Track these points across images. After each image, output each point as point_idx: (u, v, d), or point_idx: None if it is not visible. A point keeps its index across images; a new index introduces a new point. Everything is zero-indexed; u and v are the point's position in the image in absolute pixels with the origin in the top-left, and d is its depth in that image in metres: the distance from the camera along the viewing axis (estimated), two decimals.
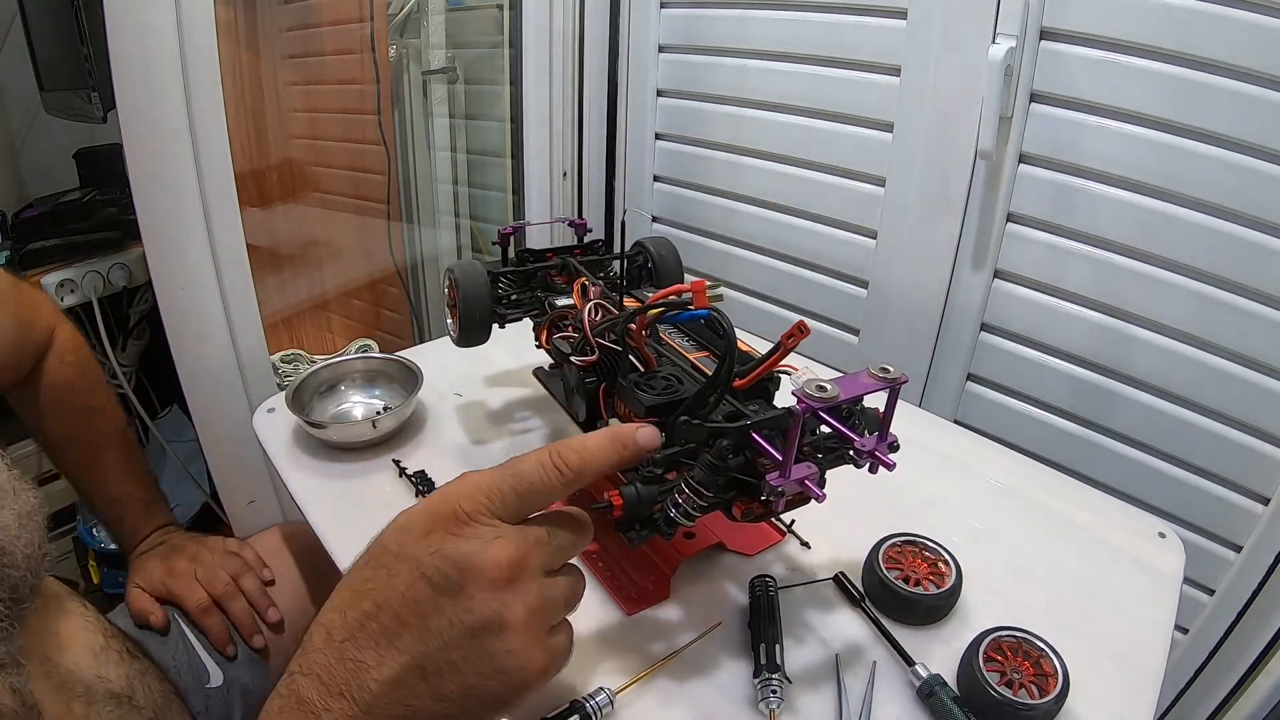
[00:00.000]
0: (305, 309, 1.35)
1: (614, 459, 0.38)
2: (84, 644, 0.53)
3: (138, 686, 0.54)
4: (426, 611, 0.33)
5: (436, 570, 0.33)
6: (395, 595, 0.33)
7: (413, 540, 0.34)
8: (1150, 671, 0.50)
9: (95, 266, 1.08)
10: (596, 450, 0.37)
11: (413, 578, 0.33)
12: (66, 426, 0.70)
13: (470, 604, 0.33)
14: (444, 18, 1.31)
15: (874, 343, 1.07)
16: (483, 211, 1.46)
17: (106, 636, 0.55)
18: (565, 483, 0.36)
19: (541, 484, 0.36)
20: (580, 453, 0.37)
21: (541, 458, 0.36)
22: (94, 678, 0.51)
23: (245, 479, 0.99)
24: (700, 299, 0.45)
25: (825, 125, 1.03)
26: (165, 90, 0.76)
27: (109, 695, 0.50)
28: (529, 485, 0.36)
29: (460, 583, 0.33)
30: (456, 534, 0.34)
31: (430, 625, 0.33)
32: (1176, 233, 0.80)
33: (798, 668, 0.49)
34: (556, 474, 0.36)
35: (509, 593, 0.34)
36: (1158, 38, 0.76)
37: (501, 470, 0.36)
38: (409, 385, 0.75)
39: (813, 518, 0.61)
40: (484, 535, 0.34)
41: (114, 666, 0.53)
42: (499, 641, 0.33)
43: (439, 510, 0.35)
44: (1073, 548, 0.61)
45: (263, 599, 0.69)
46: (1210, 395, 0.83)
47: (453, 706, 0.33)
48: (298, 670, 0.33)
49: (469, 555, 0.33)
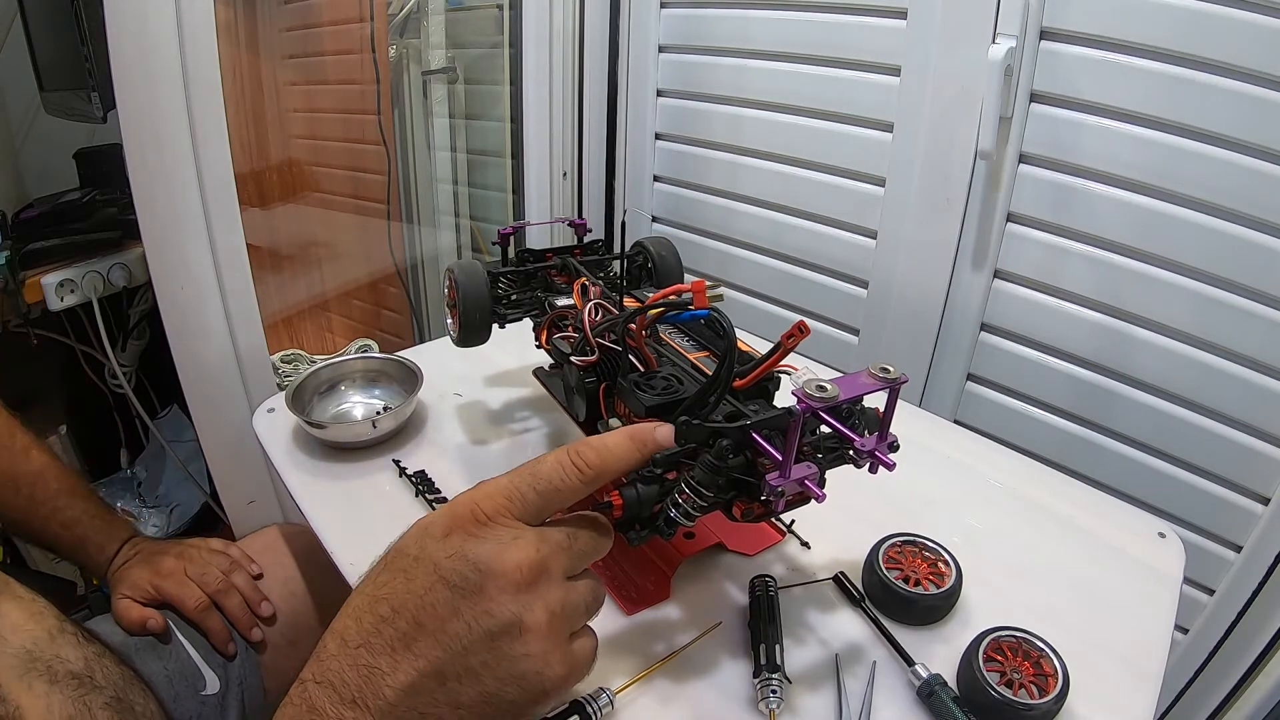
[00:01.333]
0: (305, 309, 1.35)
1: (635, 457, 0.38)
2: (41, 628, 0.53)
3: (96, 667, 0.54)
4: (444, 615, 0.32)
5: (455, 572, 0.33)
6: (412, 599, 0.33)
7: (433, 542, 0.34)
8: (1150, 671, 0.50)
9: (95, 266, 1.08)
10: (616, 449, 0.37)
11: (431, 580, 0.33)
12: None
13: (489, 606, 0.32)
14: (444, 18, 1.31)
15: (874, 343, 1.07)
16: (483, 211, 1.46)
17: (61, 621, 0.55)
18: (586, 482, 0.36)
19: (562, 484, 0.35)
20: (600, 452, 0.36)
21: (561, 458, 0.36)
22: (53, 658, 0.51)
23: (245, 479, 0.99)
24: (700, 299, 0.45)
25: (825, 125, 1.02)
26: (165, 90, 0.76)
27: (70, 675, 0.51)
28: (549, 486, 0.35)
29: (479, 584, 0.32)
30: (476, 535, 0.34)
31: (448, 629, 0.32)
32: (1176, 233, 0.80)
33: (798, 668, 0.49)
34: (576, 474, 0.35)
35: (529, 595, 0.33)
36: (1158, 38, 0.76)
37: (521, 471, 0.36)
38: (409, 385, 0.75)
39: (813, 518, 0.61)
40: (504, 537, 0.34)
41: (71, 649, 0.53)
42: (518, 646, 0.33)
43: (459, 512, 0.34)
44: (1073, 548, 0.61)
45: (255, 593, 0.69)
46: (1210, 395, 0.83)
47: (470, 715, 0.32)
48: (310, 678, 0.33)
49: (488, 556, 0.33)
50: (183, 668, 0.63)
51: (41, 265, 1.05)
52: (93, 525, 0.71)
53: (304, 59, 1.28)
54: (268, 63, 1.21)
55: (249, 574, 0.70)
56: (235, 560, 0.71)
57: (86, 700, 0.50)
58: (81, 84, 0.93)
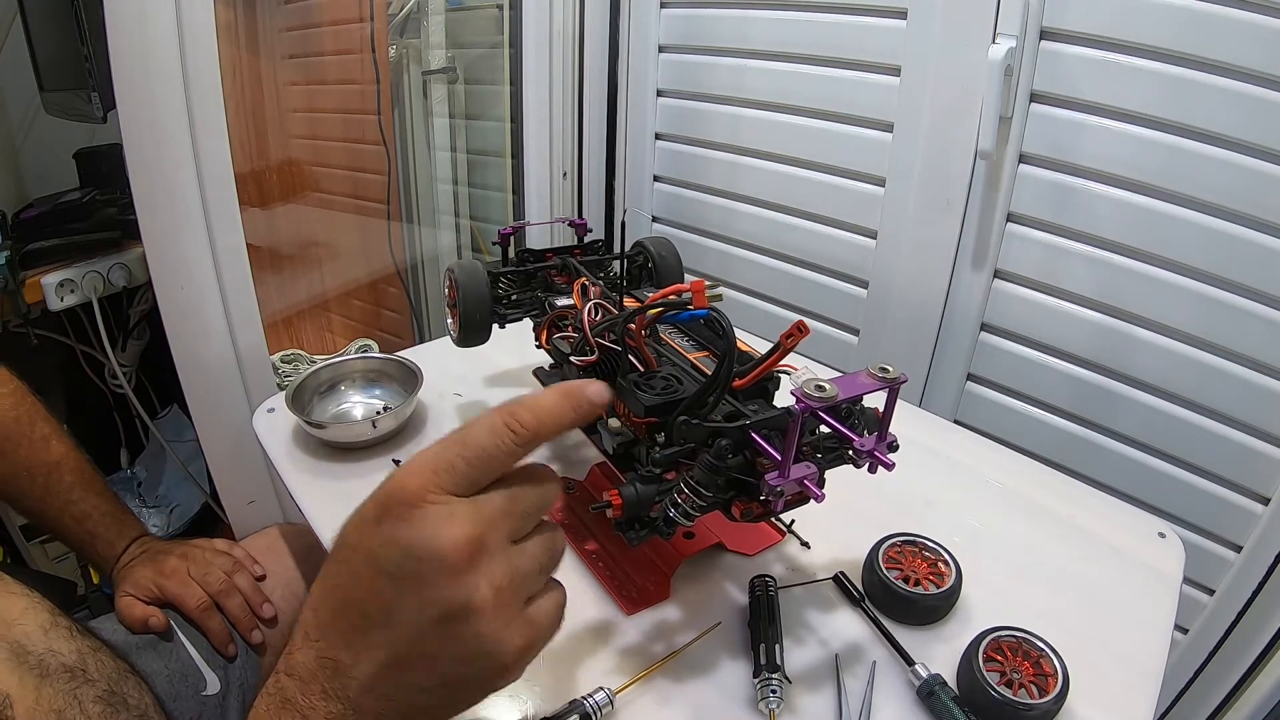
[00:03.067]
0: (305, 309, 1.35)
1: (570, 416, 0.35)
2: (33, 622, 0.52)
3: (90, 661, 0.53)
4: (389, 606, 0.31)
5: (390, 561, 0.31)
6: (358, 591, 0.32)
7: (367, 528, 0.33)
8: (1150, 671, 0.50)
9: (95, 266, 1.08)
10: (551, 407, 0.34)
11: (369, 570, 0.32)
12: (13, 462, 0.68)
13: (430, 593, 0.31)
14: (444, 18, 1.31)
15: (874, 343, 1.07)
16: (483, 211, 1.46)
17: (54, 615, 0.55)
18: (521, 444, 0.33)
19: (495, 450, 0.33)
20: (535, 411, 0.34)
21: (493, 421, 0.33)
22: (46, 651, 0.50)
23: (245, 479, 0.99)
24: (700, 299, 0.45)
25: (825, 125, 1.02)
26: (165, 90, 0.76)
27: (62, 668, 0.50)
28: (480, 453, 0.32)
29: (416, 571, 0.31)
30: (406, 518, 0.31)
31: (395, 618, 0.31)
32: (1176, 233, 0.80)
33: (797, 668, 0.49)
34: (511, 436, 0.33)
35: (471, 574, 0.31)
36: (1158, 38, 0.76)
37: (448, 441, 0.33)
38: (409, 385, 0.75)
39: (813, 518, 0.61)
40: (434, 516, 0.31)
41: (64, 642, 0.53)
42: (468, 627, 0.31)
43: (388, 494, 0.32)
44: (1073, 548, 0.61)
45: (257, 594, 0.69)
46: (1210, 395, 0.83)
47: (437, 696, 0.32)
48: (283, 670, 0.33)
49: (422, 541, 0.31)
50: (183, 667, 0.63)
51: (41, 265, 1.05)
52: (103, 521, 0.71)
53: (304, 59, 1.28)
54: (268, 63, 1.21)
55: (252, 575, 0.71)
56: (239, 561, 0.71)
57: (78, 693, 0.50)
58: (81, 84, 0.93)
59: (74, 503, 0.70)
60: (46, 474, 0.69)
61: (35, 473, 0.69)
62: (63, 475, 0.70)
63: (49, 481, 0.69)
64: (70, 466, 0.71)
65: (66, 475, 0.70)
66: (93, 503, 0.71)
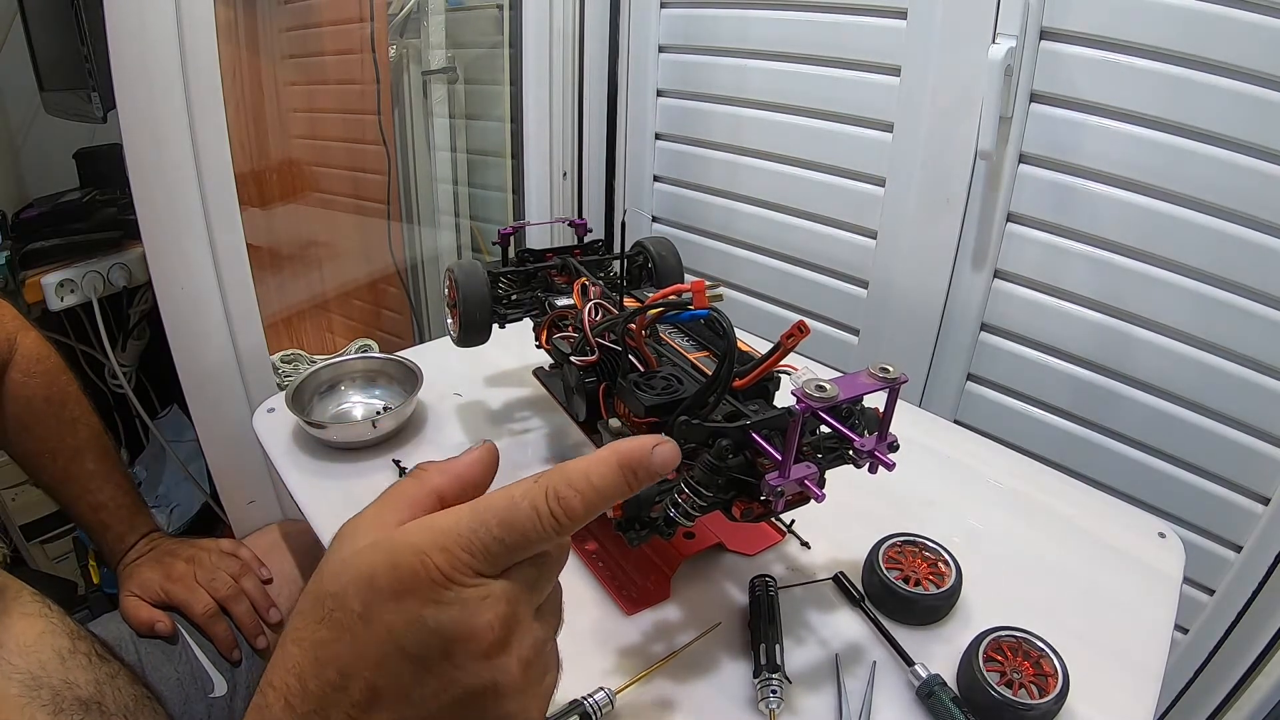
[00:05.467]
0: (305, 309, 1.35)
1: (626, 491, 0.31)
2: (51, 648, 0.51)
3: (108, 690, 0.52)
4: (407, 684, 0.29)
5: (415, 643, 0.28)
6: (366, 667, 0.28)
7: (381, 603, 0.28)
8: (1150, 671, 0.50)
9: (95, 266, 1.08)
10: (603, 485, 0.30)
11: (386, 649, 0.28)
12: (39, 440, 0.68)
13: (457, 675, 0.29)
14: (444, 18, 1.31)
15: (874, 343, 1.07)
16: (483, 211, 1.46)
17: (74, 639, 0.54)
18: (564, 532, 0.30)
19: (537, 535, 0.29)
20: (585, 494, 0.30)
21: (537, 503, 0.30)
22: (61, 683, 0.49)
23: (245, 479, 0.99)
24: (700, 299, 0.45)
25: (825, 125, 1.02)
26: (165, 90, 0.76)
27: (76, 702, 0.49)
28: (521, 539, 0.29)
29: (445, 651, 0.28)
30: (437, 600, 0.28)
31: (412, 696, 0.29)
32: (1176, 233, 0.80)
33: (797, 668, 0.49)
34: (554, 525, 0.29)
35: (503, 656, 0.29)
36: (1158, 38, 0.76)
37: (482, 516, 0.29)
38: (409, 385, 0.75)
39: (813, 518, 0.61)
40: (469, 599, 0.29)
41: (82, 671, 0.52)
42: (494, 706, 0.29)
43: (409, 567, 0.28)
44: (1073, 548, 0.61)
45: (264, 599, 0.69)
46: (1210, 395, 0.83)
47: None
48: None
49: (454, 624, 0.28)
50: (191, 670, 0.64)
51: (41, 265, 1.05)
52: (117, 514, 0.72)
53: (304, 59, 1.28)
54: (268, 63, 1.21)
55: (259, 578, 0.71)
56: (246, 563, 0.71)
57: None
58: (81, 84, 0.93)
59: (91, 491, 0.71)
60: (69, 459, 0.70)
61: (58, 455, 0.69)
62: (84, 462, 0.70)
63: (70, 466, 0.70)
64: (94, 454, 0.71)
65: (89, 463, 0.71)
66: (109, 493, 0.71)
